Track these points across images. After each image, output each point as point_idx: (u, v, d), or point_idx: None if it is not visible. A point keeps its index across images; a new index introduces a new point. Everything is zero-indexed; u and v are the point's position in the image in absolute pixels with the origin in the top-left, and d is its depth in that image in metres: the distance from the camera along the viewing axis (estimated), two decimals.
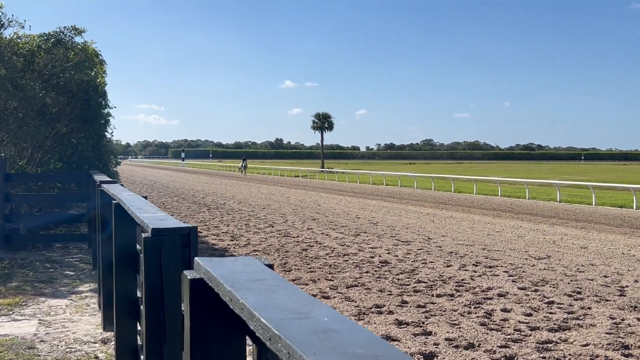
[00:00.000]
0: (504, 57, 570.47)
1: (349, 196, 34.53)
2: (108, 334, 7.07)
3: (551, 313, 8.86)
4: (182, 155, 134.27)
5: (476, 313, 8.84)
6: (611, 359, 6.95)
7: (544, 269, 12.32)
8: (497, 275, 11.69)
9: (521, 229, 19.40)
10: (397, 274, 11.64)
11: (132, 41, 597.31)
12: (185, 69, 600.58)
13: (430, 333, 7.85)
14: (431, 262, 12.97)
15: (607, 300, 9.72)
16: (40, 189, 13.98)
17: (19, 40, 13.70)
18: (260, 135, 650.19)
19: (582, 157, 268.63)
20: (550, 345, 7.38)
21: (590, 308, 9.17)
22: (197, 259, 2.08)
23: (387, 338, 7.56)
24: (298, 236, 16.87)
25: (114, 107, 16.16)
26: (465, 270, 12.16)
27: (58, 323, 7.76)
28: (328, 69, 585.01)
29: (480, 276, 11.56)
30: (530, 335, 7.77)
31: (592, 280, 11.32)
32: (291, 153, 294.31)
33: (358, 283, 10.82)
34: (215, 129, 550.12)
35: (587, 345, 7.36)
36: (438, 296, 9.91)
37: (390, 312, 8.86)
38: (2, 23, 13.14)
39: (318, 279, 11.15)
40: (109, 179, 9.00)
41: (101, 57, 15.22)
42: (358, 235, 17.25)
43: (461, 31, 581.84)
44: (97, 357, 6.49)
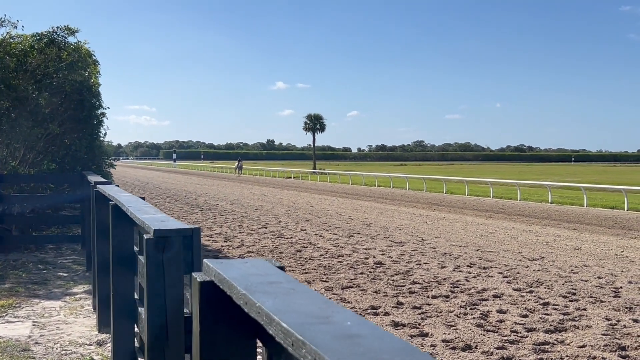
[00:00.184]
0: (495, 59, 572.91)
1: (342, 197, 34.51)
2: (103, 336, 7.02)
3: (547, 314, 8.86)
4: (174, 156, 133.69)
5: (472, 314, 8.83)
6: None
7: (538, 270, 12.33)
8: (492, 276, 11.69)
9: (514, 230, 19.43)
10: (392, 275, 11.62)
11: (123, 42, 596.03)
12: (176, 70, 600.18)
13: (427, 334, 7.83)
14: (425, 263, 12.95)
15: (602, 301, 9.72)
16: (33, 190, 13.89)
17: (12, 40, 13.60)
18: (252, 136, 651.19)
19: (573, 159, 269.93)
20: (547, 346, 7.37)
21: (585, 309, 9.17)
22: (206, 261, 2.05)
23: None
24: (292, 237, 16.83)
25: (108, 108, 16.08)
26: (459, 271, 12.16)
27: (52, 325, 7.69)
28: (320, 70, 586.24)
29: (474, 277, 11.55)
30: (526, 336, 7.77)
31: (587, 281, 11.33)
32: (283, 154, 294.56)
33: (353, 284, 10.80)
34: (206, 130, 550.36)
35: (584, 346, 7.36)
36: (433, 297, 9.89)
37: (386, 314, 8.84)
38: None
39: (313, 280, 11.11)
40: (104, 180, 8.94)
41: (94, 58, 15.15)
42: (352, 236, 17.22)
43: (452, 32, 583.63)
44: None
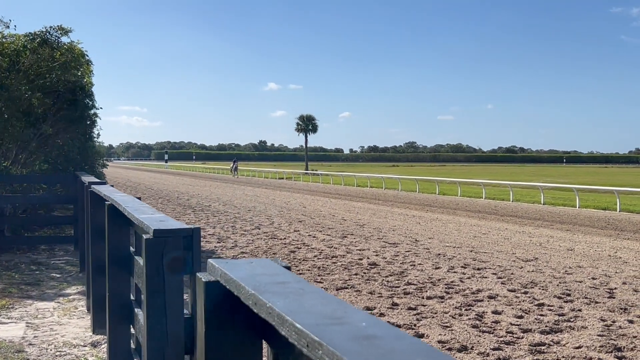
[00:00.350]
0: (487, 60, 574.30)
1: (334, 198, 34.49)
2: (98, 337, 6.97)
3: (542, 315, 8.86)
4: (166, 157, 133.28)
5: (467, 315, 8.82)
6: None
7: (532, 271, 12.33)
8: (486, 277, 11.68)
9: (507, 231, 19.45)
10: (386, 276, 11.61)
11: (114, 43, 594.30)
12: (168, 71, 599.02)
13: (422, 335, 7.81)
14: (420, 264, 12.94)
15: (597, 302, 9.73)
16: (25, 191, 13.81)
17: (4, 40, 13.51)
18: (243, 137, 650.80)
19: (564, 160, 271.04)
20: (543, 347, 7.37)
21: (580, 310, 9.17)
22: (211, 261, 2.02)
23: None
24: (285, 238, 16.79)
25: (100, 108, 16.00)
26: (454, 272, 12.15)
27: (46, 326, 7.64)
28: (312, 71, 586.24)
29: (469, 278, 11.54)
30: (522, 337, 7.76)
31: (581, 282, 11.34)
32: (275, 155, 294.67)
33: (347, 285, 10.78)
34: (198, 131, 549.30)
35: (580, 347, 7.35)
36: (428, 298, 9.88)
37: (381, 315, 8.83)
38: None
39: (307, 281, 11.07)
40: (98, 180, 8.89)
41: (87, 58, 15.07)
42: (345, 237, 17.20)
43: (444, 33, 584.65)
44: None
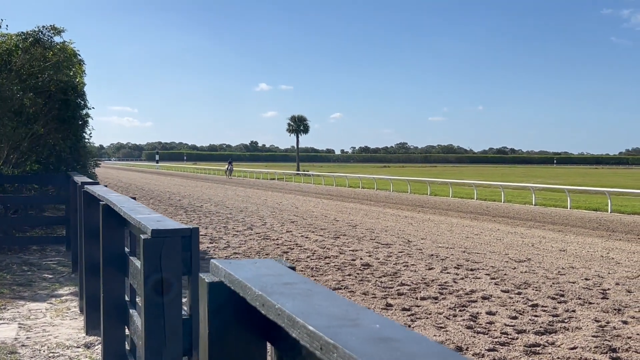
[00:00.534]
0: (477, 62, 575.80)
1: (326, 199, 34.46)
2: (91, 338, 6.92)
3: (536, 316, 8.86)
4: (157, 157, 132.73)
5: (462, 316, 8.81)
6: None
7: (525, 272, 12.34)
8: (479, 277, 11.68)
9: (499, 232, 19.47)
10: (380, 277, 11.59)
11: (105, 43, 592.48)
12: (159, 71, 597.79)
13: None
14: (413, 265, 12.93)
15: (591, 303, 9.74)
16: (16, 191, 13.72)
17: None
18: (234, 137, 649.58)
19: (555, 161, 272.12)
20: (538, 348, 7.36)
21: (574, 311, 9.18)
22: (214, 261, 1.99)
23: None
24: (278, 239, 16.75)
25: (92, 108, 15.91)
26: (447, 272, 12.14)
27: (39, 327, 7.57)
28: (303, 72, 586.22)
29: (462, 279, 11.54)
30: (517, 338, 7.75)
31: (574, 283, 11.35)
32: (266, 156, 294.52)
33: (341, 286, 10.75)
34: (189, 132, 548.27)
35: (575, 348, 7.35)
36: (422, 299, 9.86)
37: None
38: None
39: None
40: (92, 181, 8.83)
41: (80, 57, 14.98)
42: (338, 237, 17.18)
43: (435, 35, 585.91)
44: None
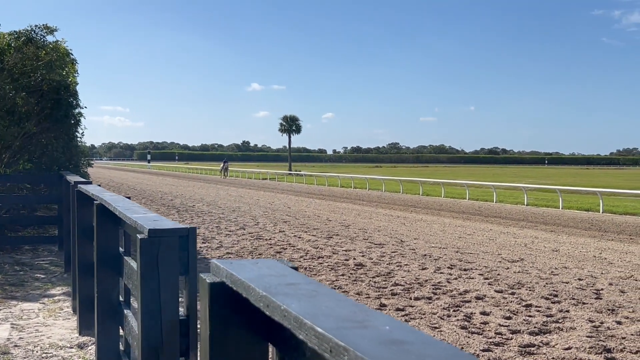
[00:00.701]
0: (469, 62, 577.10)
1: (319, 199, 34.44)
2: (84, 339, 6.87)
3: (530, 316, 8.86)
4: (148, 157, 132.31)
5: (456, 316, 8.80)
6: None
7: (519, 272, 12.35)
8: (473, 278, 11.68)
9: (492, 232, 19.49)
10: (373, 277, 11.57)
11: (97, 42, 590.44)
12: (151, 71, 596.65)
13: None
14: (406, 265, 12.92)
15: (585, 303, 9.75)
16: (8, 190, 13.63)
17: None
18: (227, 137, 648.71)
19: (546, 161, 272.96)
20: (532, 348, 7.36)
21: (568, 311, 9.18)
22: (215, 261, 1.96)
23: None
24: (270, 239, 16.72)
25: (85, 107, 15.82)
26: (440, 273, 12.14)
27: (31, 327, 7.51)
28: (295, 72, 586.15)
29: (456, 279, 11.54)
30: (511, 338, 7.75)
31: (568, 283, 11.36)
32: (258, 155, 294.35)
33: (335, 286, 10.72)
34: (181, 131, 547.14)
35: (570, 348, 7.35)
36: (416, 299, 9.85)
37: None
38: None
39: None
40: (85, 180, 8.77)
41: (72, 57, 14.90)
42: (331, 237, 17.15)
43: (427, 36, 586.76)
44: None
